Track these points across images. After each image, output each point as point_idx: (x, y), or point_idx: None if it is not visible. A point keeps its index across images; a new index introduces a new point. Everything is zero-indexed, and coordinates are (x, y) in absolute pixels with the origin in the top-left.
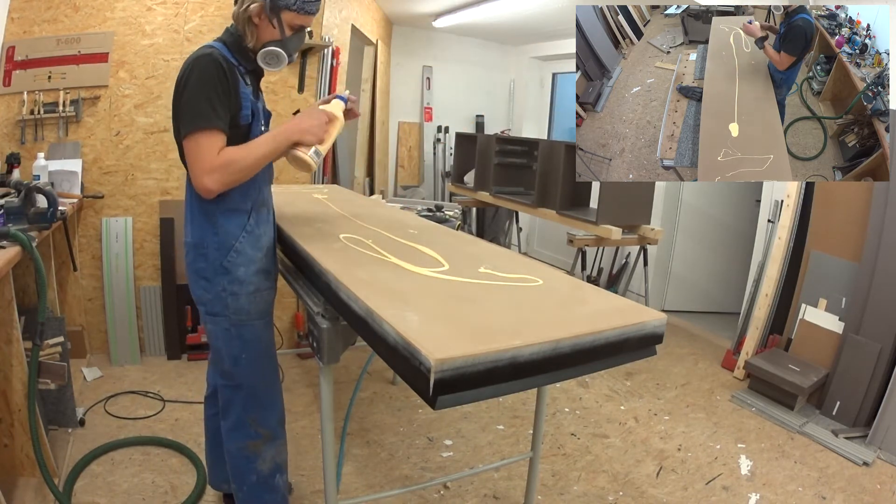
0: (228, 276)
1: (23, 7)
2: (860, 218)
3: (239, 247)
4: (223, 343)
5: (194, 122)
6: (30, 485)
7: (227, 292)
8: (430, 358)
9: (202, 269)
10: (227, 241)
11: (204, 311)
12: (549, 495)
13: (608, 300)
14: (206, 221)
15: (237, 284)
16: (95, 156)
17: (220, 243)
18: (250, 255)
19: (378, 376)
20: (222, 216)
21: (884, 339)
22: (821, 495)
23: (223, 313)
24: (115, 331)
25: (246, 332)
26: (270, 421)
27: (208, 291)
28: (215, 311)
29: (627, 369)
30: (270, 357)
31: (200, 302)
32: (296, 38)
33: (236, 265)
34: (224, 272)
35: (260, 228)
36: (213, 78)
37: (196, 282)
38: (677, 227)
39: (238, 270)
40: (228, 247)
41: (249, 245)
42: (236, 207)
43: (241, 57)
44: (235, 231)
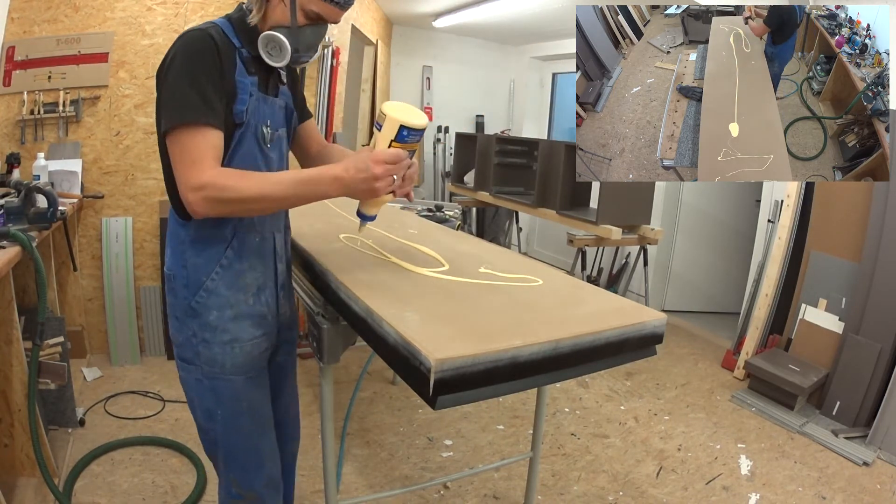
0: (198, 320)
1: (23, 7)
2: (860, 218)
3: (210, 285)
4: (195, 393)
5: (180, 115)
6: (30, 485)
7: (197, 338)
8: (430, 358)
9: (172, 304)
10: (196, 277)
11: (175, 353)
12: (549, 495)
13: (608, 300)
14: (177, 247)
15: (208, 331)
16: (95, 156)
17: (188, 278)
18: (226, 297)
19: (378, 376)
20: (192, 245)
21: (884, 339)
22: (821, 495)
23: (194, 361)
24: (115, 331)
25: (221, 387)
26: (255, 483)
27: (179, 332)
28: (185, 356)
29: (627, 369)
30: (256, 416)
31: (173, 342)
32: (310, 30)
33: (206, 307)
34: (193, 314)
35: (244, 262)
36: (203, 59)
37: (170, 318)
38: (677, 227)
39: (209, 314)
40: (197, 284)
41: (225, 284)
42: (208, 235)
43: (246, 39)
44: (206, 265)
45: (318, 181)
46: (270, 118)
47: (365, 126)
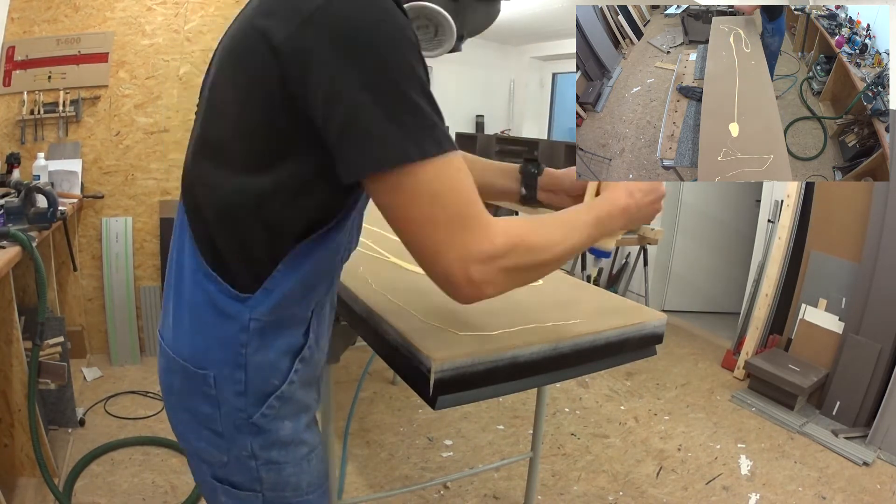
0: (262, 437)
1: (23, 7)
2: (860, 218)
3: (287, 391)
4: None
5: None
6: (30, 485)
7: (258, 460)
8: (430, 358)
9: (207, 415)
10: (264, 381)
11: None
12: (549, 495)
13: (608, 300)
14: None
15: (277, 449)
16: (95, 156)
17: (248, 384)
18: (303, 402)
19: (378, 376)
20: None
21: (884, 339)
22: (821, 495)
23: (253, 487)
24: (115, 331)
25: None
26: None
27: (220, 451)
28: (235, 481)
29: (627, 369)
30: None
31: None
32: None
33: (279, 419)
34: (254, 431)
35: (321, 342)
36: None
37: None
38: (677, 227)
39: (281, 428)
40: (266, 391)
41: (304, 385)
42: (289, 316)
43: None
44: (280, 361)
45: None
46: None
47: None
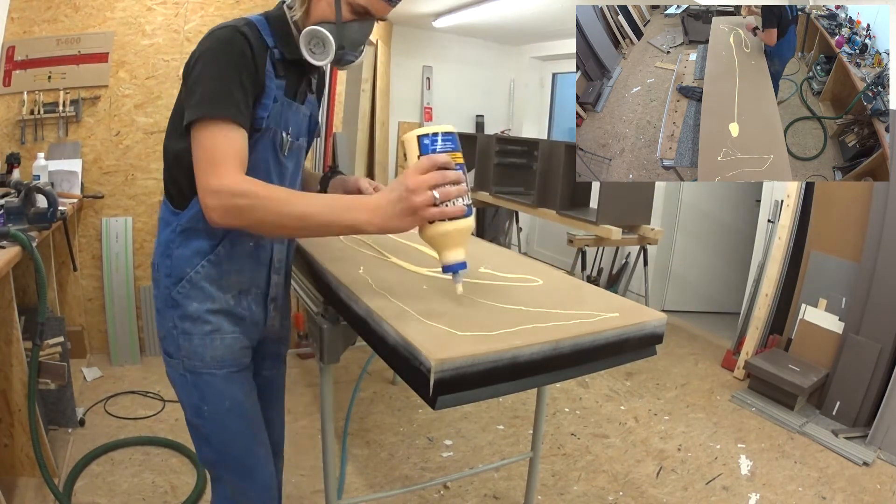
0: (178, 311)
1: (23, 7)
2: (860, 218)
3: (194, 277)
4: (180, 389)
5: (207, 108)
6: (30, 485)
7: (177, 330)
8: (430, 358)
9: (155, 296)
10: (180, 267)
11: (161, 348)
12: (549, 495)
13: (608, 300)
14: (165, 237)
15: (188, 321)
16: (95, 156)
17: (172, 268)
18: (208, 292)
19: (378, 376)
20: (180, 234)
21: (884, 339)
22: (821, 495)
23: (175, 354)
24: (115, 331)
25: (203, 382)
26: (251, 495)
27: (161, 325)
28: (168, 350)
29: (627, 369)
30: (243, 417)
31: (158, 336)
32: (356, 26)
33: (187, 298)
34: (173, 305)
35: (232, 264)
36: (235, 55)
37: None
38: (677, 227)
39: (189, 305)
40: (180, 275)
41: (209, 280)
42: (202, 228)
43: (280, 39)
44: (192, 257)
45: (354, 207)
46: (292, 125)
47: (365, 126)
